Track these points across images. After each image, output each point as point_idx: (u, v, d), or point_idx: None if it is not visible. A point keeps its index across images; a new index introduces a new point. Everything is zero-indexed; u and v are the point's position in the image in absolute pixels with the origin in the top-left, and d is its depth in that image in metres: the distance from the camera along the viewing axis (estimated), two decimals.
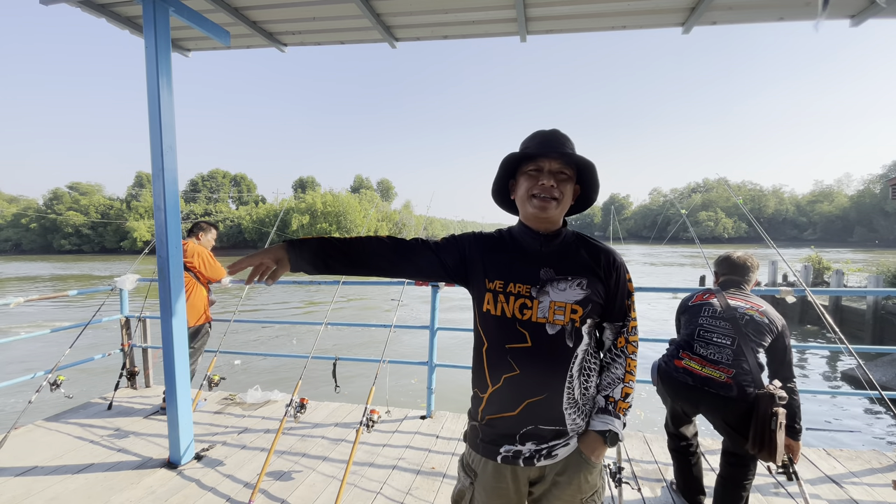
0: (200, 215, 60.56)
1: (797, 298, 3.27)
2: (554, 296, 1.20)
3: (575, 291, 1.21)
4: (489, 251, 1.30)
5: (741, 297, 2.17)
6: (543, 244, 1.27)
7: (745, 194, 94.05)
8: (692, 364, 2.08)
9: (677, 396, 2.17)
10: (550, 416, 1.22)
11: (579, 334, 1.22)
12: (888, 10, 2.49)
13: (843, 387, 9.13)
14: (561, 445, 1.24)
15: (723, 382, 1.98)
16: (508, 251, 1.29)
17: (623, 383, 1.26)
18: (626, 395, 1.26)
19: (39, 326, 4.21)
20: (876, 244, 70.34)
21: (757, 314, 2.07)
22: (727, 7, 2.62)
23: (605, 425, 1.23)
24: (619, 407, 1.25)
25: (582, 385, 1.24)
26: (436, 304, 3.61)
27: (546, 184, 1.21)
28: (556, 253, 1.26)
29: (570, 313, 1.19)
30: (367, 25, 2.92)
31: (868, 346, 5.56)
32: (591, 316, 1.23)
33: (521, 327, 1.20)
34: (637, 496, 2.47)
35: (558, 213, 1.25)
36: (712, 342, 2.06)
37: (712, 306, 2.16)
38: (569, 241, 1.29)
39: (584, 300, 1.20)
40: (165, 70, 2.56)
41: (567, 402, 1.23)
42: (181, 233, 2.78)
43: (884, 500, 2.45)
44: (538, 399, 1.21)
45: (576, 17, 2.82)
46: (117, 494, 2.49)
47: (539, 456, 1.23)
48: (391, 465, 2.82)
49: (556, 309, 1.19)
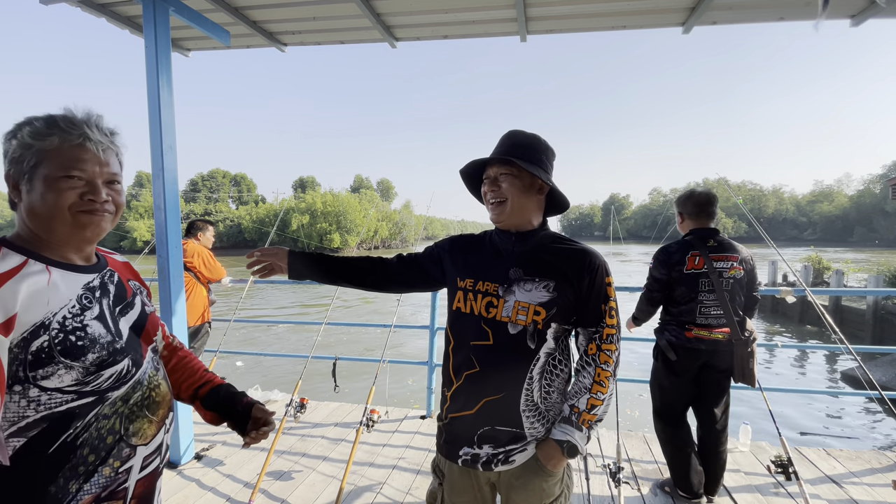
0: (200, 215, 60.52)
1: (797, 298, 3.27)
2: (519, 296, 1.21)
3: (541, 293, 1.20)
4: (465, 252, 1.36)
5: (722, 254, 2.31)
6: (516, 244, 1.28)
7: (745, 194, 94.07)
8: (701, 333, 2.29)
9: (698, 359, 2.35)
10: (507, 416, 1.22)
11: (542, 337, 1.21)
12: (888, 10, 2.49)
13: (843, 387, 9.13)
14: (518, 451, 1.22)
15: (727, 341, 2.28)
16: (485, 251, 1.33)
17: (590, 393, 1.19)
18: (591, 406, 1.19)
19: None
20: (876, 244, 70.36)
21: (738, 271, 2.31)
22: (727, 7, 2.62)
23: (564, 435, 1.18)
24: (582, 418, 1.18)
25: (543, 389, 1.23)
26: (436, 304, 3.61)
27: (487, 190, 1.28)
28: (528, 253, 1.27)
29: (533, 314, 1.19)
30: (367, 25, 2.92)
31: (868, 346, 5.57)
32: (557, 320, 1.21)
33: (485, 325, 1.22)
34: (637, 496, 2.47)
35: (519, 217, 1.27)
36: (711, 314, 2.30)
37: (707, 280, 2.29)
38: (543, 241, 1.29)
39: (548, 303, 1.20)
40: (165, 70, 2.56)
41: (525, 403, 1.22)
42: (180, 233, 2.78)
43: (884, 500, 2.45)
44: (496, 398, 1.21)
45: (576, 17, 2.82)
46: None
47: (496, 461, 1.23)
48: (391, 465, 2.82)
49: (519, 309, 1.20)
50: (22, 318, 0.74)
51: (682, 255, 2.33)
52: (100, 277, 0.91)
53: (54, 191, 0.81)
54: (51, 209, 0.82)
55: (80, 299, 0.84)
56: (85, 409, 0.81)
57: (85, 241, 0.88)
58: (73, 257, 0.89)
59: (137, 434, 0.89)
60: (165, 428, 0.98)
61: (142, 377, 0.92)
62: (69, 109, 0.85)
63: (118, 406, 0.86)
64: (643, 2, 2.59)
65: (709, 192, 2.44)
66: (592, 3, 2.62)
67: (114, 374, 0.85)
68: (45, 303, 0.78)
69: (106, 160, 0.87)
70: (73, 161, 0.82)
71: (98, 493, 0.82)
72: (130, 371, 0.89)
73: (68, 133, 0.82)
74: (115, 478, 0.84)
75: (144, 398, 0.91)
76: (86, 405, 0.81)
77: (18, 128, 0.83)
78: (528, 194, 1.26)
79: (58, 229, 0.84)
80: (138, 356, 0.93)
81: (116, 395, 0.86)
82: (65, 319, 0.80)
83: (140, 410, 0.90)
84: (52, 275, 0.81)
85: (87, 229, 0.86)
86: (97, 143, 0.85)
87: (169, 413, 1.00)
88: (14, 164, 0.83)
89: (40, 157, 0.81)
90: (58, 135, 0.82)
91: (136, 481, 0.88)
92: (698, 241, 2.35)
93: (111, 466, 0.84)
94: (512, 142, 1.28)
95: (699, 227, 2.40)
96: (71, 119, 0.84)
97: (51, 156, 0.81)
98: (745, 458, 2.90)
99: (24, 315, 0.75)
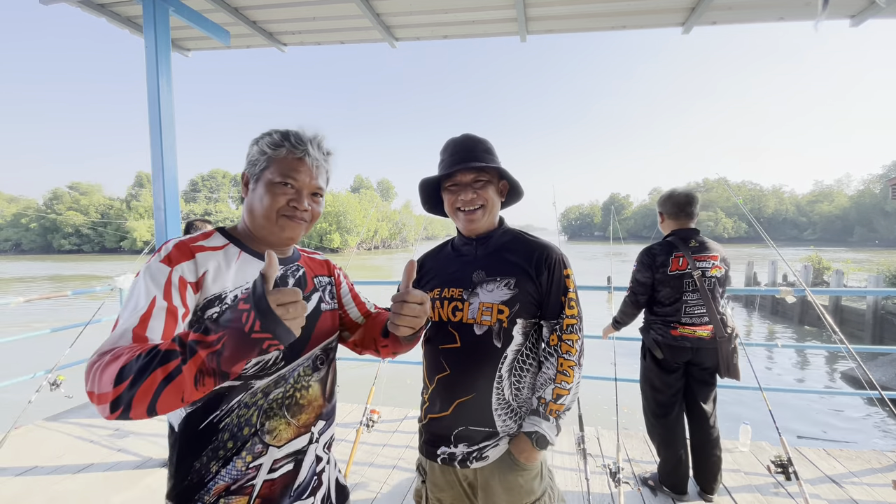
0: (200, 215, 60.54)
1: (797, 298, 3.27)
2: (483, 297, 1.22)
3: (502, 292, 1.21)
4: (432, 262, 1.39)
5: (703, 254, 2.37)
6: (477, 247, 1.30)
7: (745, 194, 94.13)
8: (686, 331, 2.35)
9: (683, 356, 2.39)
10: (480, 417, 1.23)
11: (508, 334, 1.21)
12: (888, 10, 2.49)
13: (843, 387, 9.13)
14: (491, 447, 1.23)
15: (710, 338, 2.34)
16: (448, 258, 1.36)
17: (554, 384, 1.20)
18: (557, 396, 1.20)
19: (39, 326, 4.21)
20: (876, 244, 70.33)
21: (719, 270, 2.37)
22: (727, 7, 2.62)
23: (532, 426, 1.19)
24: (549, 408, 1.19)
25: (513, 386, 1.23)
26: None
27: (465, 198, 1.25)
28: (490, 254, 1.28)
29: (497, 314, 1.20)
30: (367, 25, 2.92)
31: (868, 346, 5.57)
32: (521, 316, 1.22)
33: (452, 328, 1.24)
34: (637, 496, 2.47)
35: (490, 219, 1.29)
36: (695, 313, 2.36)
37: (691, 280, 2.34)
38: (503, 240, 1.30)
39: (510, 300, 1.20)
40: (165, 70, 2.56)
41: (497, 402, 1.22)
42: (180, 233, 2.78)
43: (884, 500, 2.45)
44: (467, 399, 1.22)
45: (576, 17, 2.82)
46: (117, 494, 2.49)
47: (471, 458, 1.24)
48: (391, 465, 2.82)
49: (483, 310, 1.21)
50: (208, 282, 0.88)
51: (666, 257, 2.36)
52: (283, 270, 1.02)
53: (269, 194, 0.95)
54: (264, 208, 0.95)
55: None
56: (231, 393, 0.89)
57: (282, 241, 1.00)
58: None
59: (272, 433, 0.92)
60: (312, 437, 0.99)
61: (289, 374, 0.95)
62: (301, 127, 0.99)
63: (258, 398, 0.91)
64: (643, 2, 2.59)
65: (689, 192, 2.47)
66: (592, 3, 2.62)
67: (260, 362, 0.90)
68: (225, 279, 0.90)
69: (316, 175, 0.99)
70: (291, 171, 0.95)
71: (228, 485, 0.88)
72: (278, 364, 0.93)
73: (294, 147, 0.96)
74: (245, 473, 0.89)
75: (286, 396, 0.95)
76: (232, 388, 0.89)
77: (261, 137, 0.99)
78: (499, 197, 1.30)
79: (265, 226, 0.97)
80: (295, 350, 0.97)
81: (258, 386, 0.91)
82: (236, 298, 0.90)
83: (279, 409, 0.93)
84: (240, 259, 0.95)
85: (286, 231, 0.98)
86: (314, 159, 0.98)
87: (317, 422, 1.00)
88: (250, 166, 0.98)
89: (269, 163, 0.96)
90: (286, 147, 0.95)
91: (262, 481, 0.90)
92: (680, 241, 2.39)
93: (243, 460, 0.89)
94: (472, 147, 1.28)
95: (680, 228, 2.45)
96: (300, 136, 0.97)
97: (276, 164, 0.95)
98: (745, 458, 2.90)
99: (210, 281, 0.88)
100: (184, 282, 0.85)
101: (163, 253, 0.87)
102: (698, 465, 2.43)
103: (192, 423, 0.88)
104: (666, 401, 2.43)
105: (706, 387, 2.43)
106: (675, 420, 2.43)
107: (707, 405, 2.42)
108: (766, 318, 16.25)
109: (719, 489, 2.48)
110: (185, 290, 0.85)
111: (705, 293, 2.32)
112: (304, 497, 0.98)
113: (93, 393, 0.70)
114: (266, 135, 0.98)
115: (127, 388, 0.67)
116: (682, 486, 2.41)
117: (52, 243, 62.36)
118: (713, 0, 2.53)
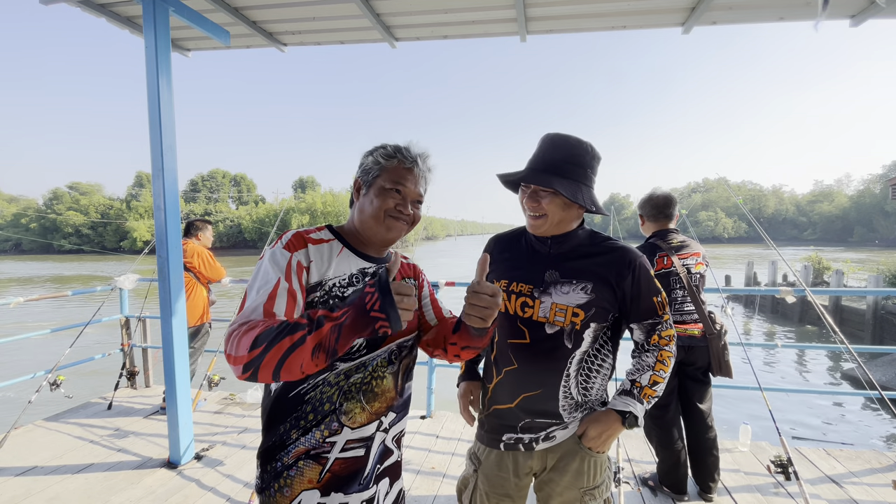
0: (200, 215, 60.53)
1: (797, 298, 3.27)
2: (556, 298, 1.23)
3: (578, 295, 1.21)
4: (501, 252, 1.38)
5: (686, 252, 2.41)
6: (552, 247, 1.29)
7: (745, 194, 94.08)
8: (677, 329, 2.33)
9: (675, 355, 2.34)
10: (546, 411, 1.26)
11: (579, 336, 1.22)
12: (888, 10, 2.49)
13: (843, 387, 9.13)
14: (559, 429, 1.26)
15: (701, 336, 2.35)
16: (520, 251, 1.35)
17: (652, 370, 1.25)
18: (653, 382, 1.24)
19: (39, 326, 4.20)
20: (876, 244, 70.33)
21: (702, 266, 2.42)
22: (727, 7, 2.62)
23: (626, 406, 1.22)
24: (644, 392, 1.23)
25: (580, 385, 1.25)
26: None
27: (526, 201, 1.27)
28: (565, 256, 1.27)
29: (572, 316, 1.21)
30: (367, 25, 2.92)
31: (868, 346, 5.57)
32: (595, 320, 1.22)
33: (522, 324, 1.26)
34: (637, 496, 2.47)
35: (552, 226, 1.25)
36: (684, 311, 2.38)
37: (677, 277, 2.36)
38: (580, 243, 1.28)
39: (586, 304, 1.21)
40: (165, 70, 2.56)
41: (563, 398, 1.25)
42: (180, 233, 2.78)
43: (884, 500, 2.45)
44: (533, 394, 1.25)
45: (576, 17, 2.81)
46: (117, 494, 2.49)
47: (538, 440, 1.27)
48: None
49: (556, 310, 1.22)
50: (315, 269, 1.01)
51: (651, 258, 2.38)
52: (376, 268, 1.12)
53: (381, 197, 1.07)
54: (375, 209, 1.07)
55: (352, 277, 1.06)
56: (319, 370, 0.96)
57: (386, 240, 1.11)
58: (370, 250, 1.13)
59: (348, 414, 1.02)
60: (383, 426, 1.08)
61: (369, 362, 1.05)
62: (411, 142, 1.12)
63: (340, 379, 1.01)
64: (643, 2, 2.59)
65: (667, 194, 2.51)
66: (592, 3, 2.61)
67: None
68: (327, 268, 1.03)
69: (420, 185, 1.11)
70: (400, 179, 1.08)
71: (307, 449, 0.99)
72: (361, 350, 1.03)
73: (405, 159, 1.08)
74: (322, 445, 1.00)
75: (364, 382, 1.04)
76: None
77: (374, 149, 1.11)
78: (570, 208, 1.23)
79: (373, 226, 1.08)
80: (375, 342, 1.06)
81: (342, 368, 1.01)
82: (334, 286, 1.03)
83: (356, 393, 1.03)
84: (341, 254, 1.07)
85: (391, 231, 1.09)
86: (421, 170, 1.11)
87: (388, 412, 1.09)
88: (364, 173, 1.10)
89: (381, 172, 1.08)
90: (398, 159, 1.08)
91: (335, 458, 1.00)
92: (662, 241, 2.42)
93: (321, 432, 0.99)
94: (553, 156, 1.23)
95: (660, 229, 2.49)
96: (410, 150, 1.10)
97: (388, 172, 1.07)
98: (745, 458, 2.90)
99: (316, 268, 1.01)
100: (300, 266, 0.99)
101: (284, 240, 1.02)
102: (696, 465, 2.43)
103: (283, 391, 1.01)
104: (661, 401, 2.43)
105: (700, 386, 2.44)
106: (672, 420, 2.43)
107: (703, 405, 2.43)
108: (766, 318, 16.25)
109: (719, 489, 2.48)
110: (301, 273, 0.99)
111: (692, 290, 2.35)
112: (370, 485, 1.07)
113: (230, 355, 0.84)
114: (380, 147, 1.10)
115: (259, 353, 0.80)
116: (682, 486, 2.41)
117: (52, 243, 62.35)
118: (713, 0, 2.53)
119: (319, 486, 0.99)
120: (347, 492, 1.01)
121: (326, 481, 0.99)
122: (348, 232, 1.13)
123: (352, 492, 1.02)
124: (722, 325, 2.37)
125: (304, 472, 0.98)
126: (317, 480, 0.98)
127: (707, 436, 2.41)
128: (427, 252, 59.65)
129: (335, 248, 1.07)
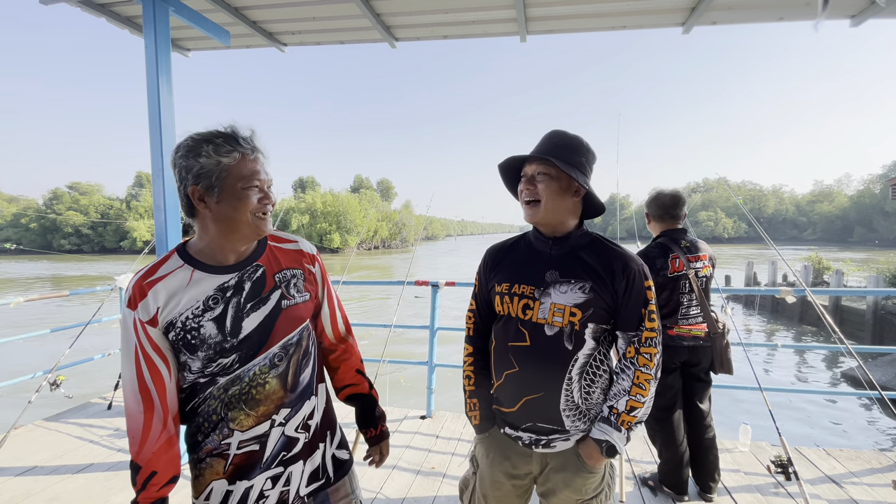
0: None
1: (797, 298, 3.27)
2: (555, 298, 1.22)
3: (576, 294, 1.20)
4: (502, 258, 1.38)
5: (695, 254, 2.40)
6: (552, 247, 1.28)
7: (745, 194, 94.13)
8: (682, 331, 2.36)
9: (680, 356, 2.40)
10: (548, 415, 1.25)
11: (580, 338, 1.21)
12: (888, 10, 2.49)
13: (843, 387, 9.13)
14: (560, 440, 1.26)
15: (706, 336, 2.36)
16: (520, 254, 1.35)
17: (629, 395, 1.20)
18: (631, 408, 1.20)
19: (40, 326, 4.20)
20: (876, 244, 70.33)
21: (708, 269, 2.42)
22: (727, 7, 2.62)
23: (602, 435, 1.21)
24: (621, 419, 1.20)
25: (583, 389, 1.24)
26: (436, 304, 3.61)
27: (523, 188, 1.28)
28: (565, 256, 1.26)
29: (569, 316, 1.20)
30: (367, 25, 2.92)
31: (868, 346, 5.56)
32: (594, 320, 1.21)
33: (522, 326, 1.25)
34: (637, 496, 2.47)
35: (547, 215, 1.25)
36: (690, 314, 2.38)
37: (686, 280, 2.36)
38: (581, 244, 1.27)
39: (584, 304, 1.20)
40: (165, 70, 2.56)
41: (565, 403, 1.23)
42: (180, 233, 2.78)
43: (884, 500, 2.45)
44: (535, 397, 1.24)
45: (576, 17, 2.82)
46: (117, 494, 2.49)
47: (538, 444, 1.28)
48: (391, 465, 2.82)
49: (555, 311, 1.21)
50: (161, 315, 0.98)
51: (665, 260, 2.35)
52: (238, 276, 1.05)
53: (243, 200, 0.98)
54: (241, 215, 0.99)
55: (208, 301, 1.01)
56: (202, 387, 1.04)
57: (260, 236, 1.06)
58: (230, 257, 1.05)
59: (234, 421, 1.05)
60: (277, 423, 1.08)
61: (244, 374, 1.04)
62: (232, 127, 0.99)
63: (220, 393, 1.04)
64: (643, 2, 2.59)
65: (675, 193, 2.45)
66: (592, 3, 2.62)
67: (220, 365, 1.03)
68: (177, 304, 0.98)
69: (267, 167, 1.04)
70: (252, 172, 0.99)
71: (212, 448, 1.06)
72: (234, 366, 1.03)
73: (244, 148, 0.98)
74: (220, 444, 1.06)
75: (242, 393, 1.05)
76: (203, 384, 1.04)
77: (197, 146, 0.95)
78: (564, 196, 1.24)
79: (241, 231, 1.01)
80: (250, 353, 1.04)
81: (221, 382, 1.04)
82: (187, 320, 0.99)
83: (237, 403, 1.04)
84: (192, 280, 1.01)
85: (262, 227, 1.03)
86: (260, 152, 1.02)
87: (279, 410, 1.08)
88: (202, 178, 0.96)
89: (228, 172, 0.96)
90: (240, 151, 0.97)
91: (233, 454, 1.06)
92: (672, 242, 2.39)
93: (217, 436, 1.05)
94: (553, 142, 1.26)
95: (668, 229, 2.45)
96: (243, 136, 0.99)
97: (236, 169, 0.97)
98: (745, 458, 2.90)
99: (162, 314, 0.98)
100: (143, 324, 0.98)
101: (126, 296, 0.99)
102: (696, 465, 2.43)
103: (182, 405, 1.07)
104: (667, 404, 2.42)
105: (702, 385, 2.44)
106: (678, 421, 2.42)
107: (703, 405, 2.43)
108: (766, 318, 16.25)
109: (719, 489, 2.48)
110: (147, 329, 0.98)
111: (700, 293, 2.35)
112: (273, 466, 1.09)
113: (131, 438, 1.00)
114: (204, 143, 0.95)
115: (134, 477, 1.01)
116: (683, 486, 2.40)
117: (52, 243, 62.32)
118: (713, 0, 2.53)
119: (226, 476, 1.07)
120: (251, 477, 1.08)
121: (231, 472, 1.07)
122: (200, 250, 1.04)
123: (255, 476, 1.08)
124: (724, 325, 2.38)
125: (212, 465, 1.07)
126: (223, 472, 1.07)
127: (707, 435, 2.41)
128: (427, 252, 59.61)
129: (185, 276, 1.00)
